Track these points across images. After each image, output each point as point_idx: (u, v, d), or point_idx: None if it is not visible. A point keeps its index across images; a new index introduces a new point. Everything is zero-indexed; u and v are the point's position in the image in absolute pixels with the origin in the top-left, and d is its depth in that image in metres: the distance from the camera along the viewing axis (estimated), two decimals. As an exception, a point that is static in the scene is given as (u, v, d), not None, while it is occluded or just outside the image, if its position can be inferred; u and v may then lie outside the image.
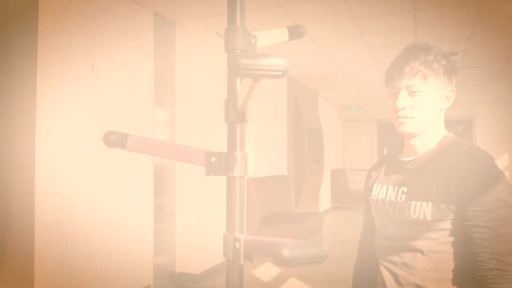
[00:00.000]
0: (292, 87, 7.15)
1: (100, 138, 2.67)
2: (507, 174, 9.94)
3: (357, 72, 6.79)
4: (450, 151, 1.09)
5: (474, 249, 0.98)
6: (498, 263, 0.95)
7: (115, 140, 0.69)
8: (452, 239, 1.03)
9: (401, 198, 1.12)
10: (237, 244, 0.64)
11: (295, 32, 0.92)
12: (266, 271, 4.77)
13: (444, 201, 1.02)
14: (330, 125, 10.11)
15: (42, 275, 2.72)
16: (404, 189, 1.12)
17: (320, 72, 6.80)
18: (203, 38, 4.34)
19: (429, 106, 1.10)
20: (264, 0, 3.68)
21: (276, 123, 6.47)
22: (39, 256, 2.70)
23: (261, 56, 0.47)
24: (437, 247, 1.04)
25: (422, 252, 1.06)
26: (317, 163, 7.92)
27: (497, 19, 4.23)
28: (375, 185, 1.24)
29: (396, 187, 1.15)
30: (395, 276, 1.11)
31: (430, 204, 1.04)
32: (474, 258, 0.98)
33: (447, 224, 1.03)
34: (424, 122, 1.11)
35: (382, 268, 1.16)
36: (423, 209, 1.05)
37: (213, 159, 0.66)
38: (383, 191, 1.19)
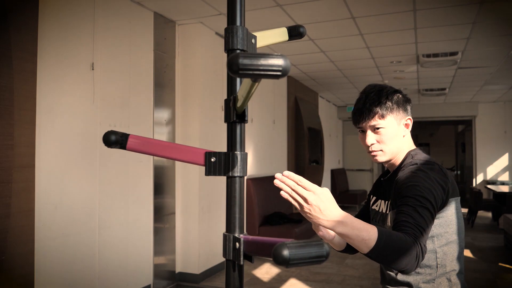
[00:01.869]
0: (292, 87, 7.15)
1: (100, 138, 2.66)
2: (507, 174, 9.97)
3: (357, 72, 6.79)
4: (404, 166, 1.32)
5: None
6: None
7: (115, 140, 0.69)
8: None
9: (387, 210, 1.36)
10: (237, 244, 0.63)
11: (295, 32, 0.92)
12: (266, 271, 4.77)
13: (395, 207, 1.25)
14: (330, 125, 10.11)
15: (42, 275, 2.72)
16: (388, 202, 1.36)
17: (320, 72, 6.80)
18: (203, 38, 4.34)
19: (392, 137, 1.32)
20: (264, 0, 3.68)
21: (276, 123, 6.47)
22: (39, 256, 2.70)
23: (260, 56, 0.46)
24: None
25: None
26: (317, 163, 7.92)
27: (497, 19, 4.23)
28: (371, 197, 1.50)
29: (383, 200, 1.40)
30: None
31: (391, 212, 1.31)
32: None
33: None
34: (391, 151, 1.34)
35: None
36: (391, 217, 1.31)
37: (213, 159, 0.66)
38: (376, 204, 1.45)
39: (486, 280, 4.52)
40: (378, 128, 1.31)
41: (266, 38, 0.84)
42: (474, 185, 10.09)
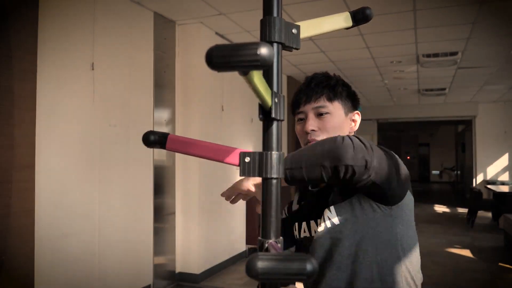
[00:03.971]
0: (292, 87, 7.15)
1: (100, 138, 2.67)
2: (507, 174, 9.97)
3: (357, 72, 6.79)
4: None
5: None
6: None
7: (154, 140, 0.68)
8: None
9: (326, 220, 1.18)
10: (273, 251, 0.58)
11: (360, 16, 0.77)
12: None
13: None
14: (330, 125, 10.10)
15: (42, 275, 2.72)
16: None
17: (320, 72, 6.79)
18: (203, 38, 4.34)
19: (336, 127, 1.10)
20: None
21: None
22: (39, 256, 2.70)
23: (236, 47, 0.41)
24: None
25: None
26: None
27: (497, 19, 4.23)
28: (295, 226, 1.23)
29: (314, 221, 1.14)
30: None
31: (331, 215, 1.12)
32: None
33: None
34: None
35: None
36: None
37: (247, 159, 0.61)
38: (302, 229, 1.18)
39: (486, 280, 4.52)
40: (322, 114, 1.10)
41: (316, 26, 0.74)
42: (474, 185, 10.09)
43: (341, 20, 0.77)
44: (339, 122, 1.11)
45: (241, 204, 5.25)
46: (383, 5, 3.84)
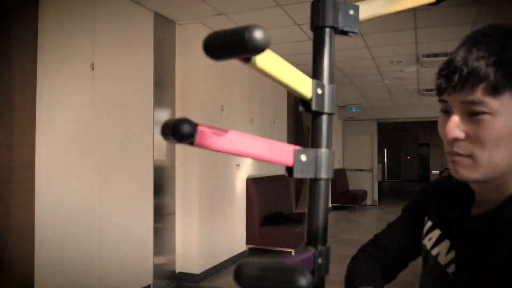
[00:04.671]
0: (292, 87, 7.15)
1: (100, 138, 2.67)
2: (507, 174, 9.95)
3: (357, 72, 6.79)
4: None
5: None
6: None
7: (188, 132, 0.51)
8: None
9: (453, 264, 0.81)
10: (320, 260, 0.54)
11: None
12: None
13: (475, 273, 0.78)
14: (330, 125, 10.10)
15: (42, 275, 2.72)
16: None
17: (320, 72, 6.79)
18: (203, 38, 4.33)
19: (501, 138, 0.64)
20: (264, 0, 3.68)
21: (276, 123, 6.47)
22: (39, 256, 2.70)
23: (228, 32, 0.38)
24: None
25: None
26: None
27: (497, 19, 4.23)
28: (426, 219, 0.93)
29: (449, 241, 0.82)
30: None
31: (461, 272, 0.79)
32: None
33: None
34: (492, 164, 0.66)
35: None
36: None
37: (303, 158, 0.53)
38: (430, 236, 0.89)
39: (486, 280, 4.51)
40: (477, 114, 0.64)
41: (377, 6, 0.64)
42: (474, 185, 10.07)
43: None
44: (507, 128, 0.64)
45: (241, 204, 5.25)
46: (383, 5, 3.84)
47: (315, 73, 0.56)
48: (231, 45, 0.38)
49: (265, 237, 5.29)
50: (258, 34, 0.37)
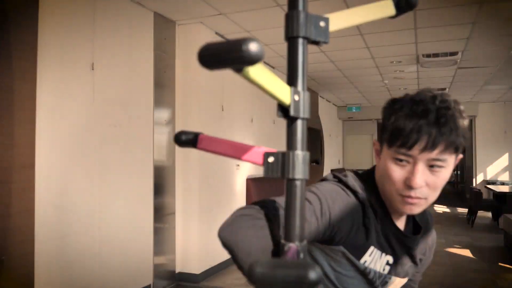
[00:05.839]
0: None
1: (100, 138, 2.67)
2: (507, 174, 9.97)
3: (357, 72, 6.79)
4: (429, 225, 1.08)
5: None
6: None
7: (185, 140, 0.67)
8: None
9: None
10: (302, 255, 0.57)
11: (404, 2, 0.69)
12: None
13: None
14: (330, 125, 10.11)
15: (42, 275, 2.72)
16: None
17: (320, 72, 6.80)
18: (203, 38, 4.34)
19: (444, 183, 0.86)
20: (264, 0, 3.68)
21: (276, 123, 6.47)
22: (39, 256, 2.70)
23: (224, 44, 0.41)
24: None
25: None
26: (317, 163, 7.92)
27: (497, 19, 4.23)
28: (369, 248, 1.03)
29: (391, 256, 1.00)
30: None
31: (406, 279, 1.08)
32: None
33: None
34: (431, 202, 0.89)
35: None
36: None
37: (270, 159, 0.59)
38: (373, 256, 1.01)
39: (486, 280, 4.52)
40: (438, 166, 0.83)
41: (346, 18, 0.68)
42: (474, 185, 10.09)
43: (380, 9, 0.70)
44: (447, 176, 0.86)
45: (241, 204, 5.25)
46: (383, 5, 3.83)
47: (290, 81, 0.59)
48: (227, 56, 0.40)
49: (265, 237, 5.28)
50: (255, 47, 0.39)
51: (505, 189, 7.81)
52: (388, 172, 0.87)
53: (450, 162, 0.84)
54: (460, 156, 0.87)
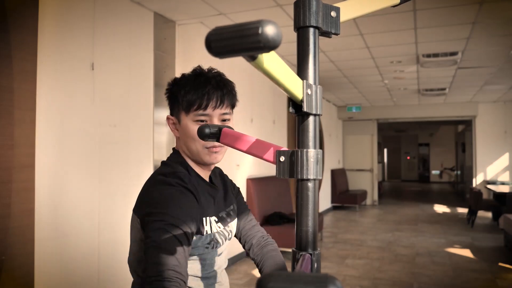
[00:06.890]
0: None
1: (100, 138, 2.67)
2: (507, 174, 9.97)
3: (357, 72, 6.79)
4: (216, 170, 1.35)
5: None
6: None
7: (208, 133, 0.67)
8: None
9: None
10: (316, 265, 0.53)
11: None
12: (266, 271, 4.76)
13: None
14: (330, 125, 10.11)
15: (42, 275, 2.72)
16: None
17: (320, 72, 6.78)
18: (203, 38, 4.33)
19: None
20: (264, 0, 3.68)
21: (276, 123, 6.47)
22: (39, 256, 2.70)
23: (236, 27, 0.36)
24: None
25: None
26: (317, 163, 7.91)
27: (497, 19, 4.23)
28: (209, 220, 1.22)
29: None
30: None
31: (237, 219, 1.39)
32: None
33: None
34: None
35: None
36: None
37: (282, 159, 0.54)
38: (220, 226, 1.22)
39: (486, 280, 4.52)
40: (227, 120, 1.11)
41: (359, 7, 0.66)
42: (474, 185, 10.09)
43: None
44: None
45: (241, 204, 5.25)
46: (383, 5, 3.84)
47: (301, 74, 0.55)
48: (241, 41, 0.35)
49: (265, 237, 5.28)
50: (273, 30, 0.35)
51: (505, 189, 7.81)
52: (193, 133, 1.06)
53: (232, 115, 1.12)
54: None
